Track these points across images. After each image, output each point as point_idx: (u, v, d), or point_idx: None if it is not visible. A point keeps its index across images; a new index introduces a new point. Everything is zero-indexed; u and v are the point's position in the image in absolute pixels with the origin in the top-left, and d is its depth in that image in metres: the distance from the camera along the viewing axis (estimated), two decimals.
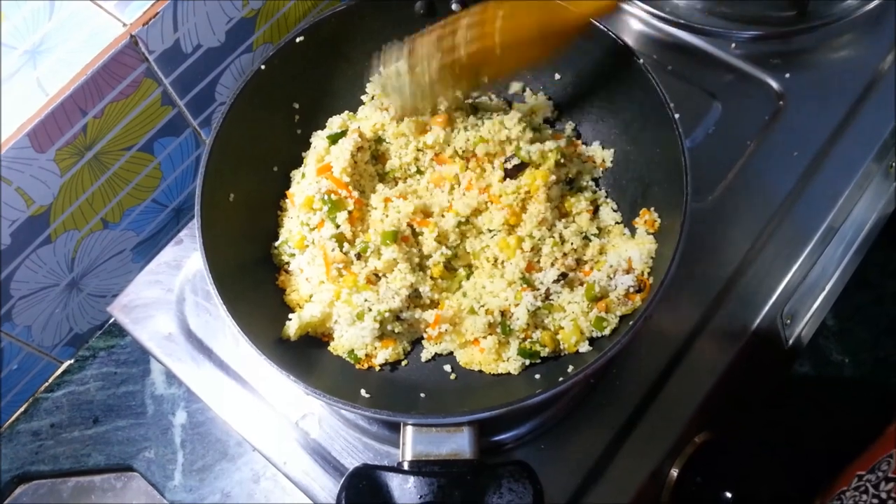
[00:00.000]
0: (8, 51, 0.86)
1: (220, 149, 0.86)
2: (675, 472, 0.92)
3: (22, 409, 1.04)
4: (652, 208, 0.88)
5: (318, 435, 0.93)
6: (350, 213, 0.87)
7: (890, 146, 1.08)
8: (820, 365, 1.15)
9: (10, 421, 1.03)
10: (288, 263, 0.92)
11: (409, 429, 0.71)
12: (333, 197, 0.87)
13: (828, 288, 1.09)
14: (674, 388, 0.92)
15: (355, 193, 0.89)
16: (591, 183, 0.96)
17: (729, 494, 0.89)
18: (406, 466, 0.69)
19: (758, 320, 0.96)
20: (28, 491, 1.01)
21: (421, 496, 0.67)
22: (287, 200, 0.94)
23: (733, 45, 1.12)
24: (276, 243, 0.92)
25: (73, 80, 0.83)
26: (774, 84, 1.09)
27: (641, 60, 0.87)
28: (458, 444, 0.70)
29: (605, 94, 0.96)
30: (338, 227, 0.87)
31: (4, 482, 1.00)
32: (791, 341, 1.04)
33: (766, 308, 0.96)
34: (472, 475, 0.68)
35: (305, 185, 0.91)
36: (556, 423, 0.91)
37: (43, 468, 1.00)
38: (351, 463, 0.91)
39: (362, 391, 0.81)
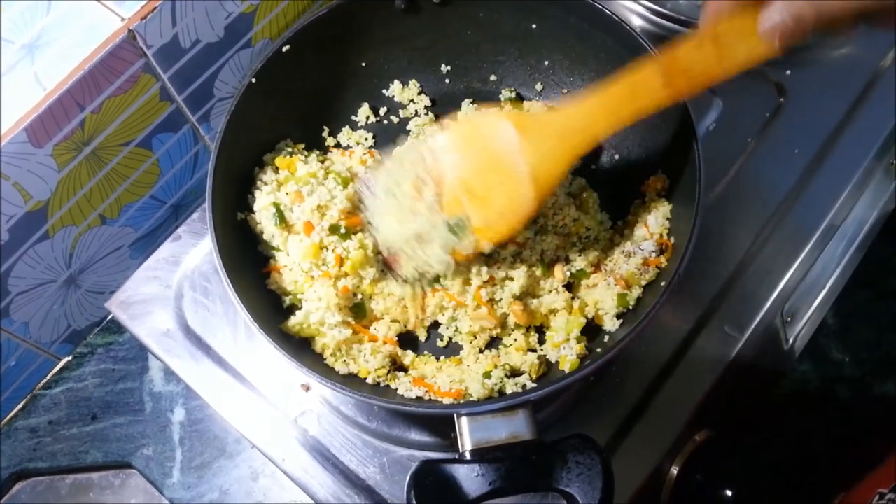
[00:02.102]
0: (5, 45, 0.86)
1: (223, 169, 0.85)
2: (675, 470, 0.92)
3: (20, 405, 1.04)
4: (660, 171, 0.88)
5: (317, 432, 0.93)
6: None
7: (891, 144, 1.08)
8: (820, 363, 1.14)
9: (7, 418, 1.03)
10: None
11: (464, 419, 0.70)
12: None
13: (828, 286, 1.09)
14: (674, 386, 0.92)
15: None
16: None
17: (729, 492, 0.89)
18: (468, 456, 0.68)
19: (758, 318, 0.96)
20: (26, 488, 1.00)
21: (490, 482, 0.66)
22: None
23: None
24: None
25: (71, 75, 0.83)
26: (776, 80, 1.09)
27: (628, 26, 0.86)
28: (515, 426, 0.69)
29: (595, 65, 0.95)
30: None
31: (3, 479, 0.99)
32: (791, 339, 1.04)
33: (767, 306, 0.96)
34: (536, 455, 0.68)
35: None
36: (556, 422, 0.90)
37: (41, 465, 1.00)
38: (350, 460, 0.91)
39: (402, 394, 0.81)
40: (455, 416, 0.70)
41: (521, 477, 0.67)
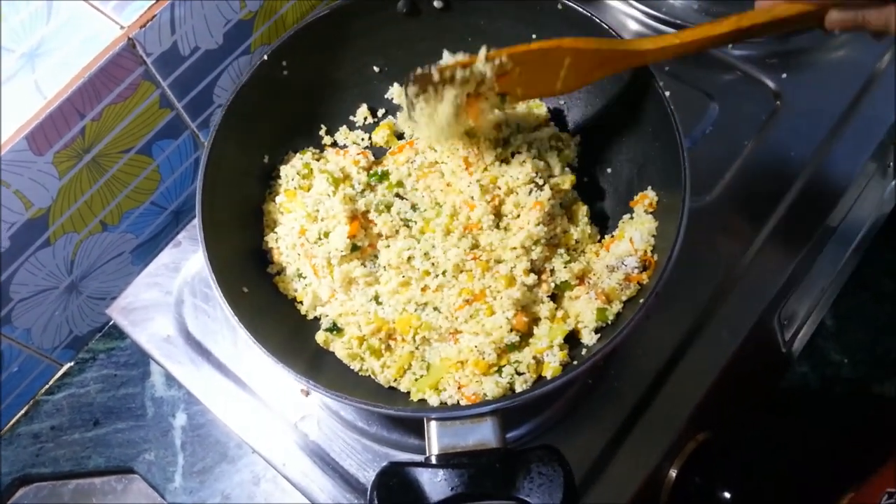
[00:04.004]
0: (6, 54, 0.86)
1: (213, 171, 0.85)
2: (673, 473, 0.92)
3: (22, 411, 1.04)
4: (649, 187, 0.88)
5: (317, 436, 0.93)
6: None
7: (888, 146, 1.08)
8: (818, 365, 1.15)
9: (10, 423, 1.03)
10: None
11: (434, 423, 0.71)
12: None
13: (826, 288, 1.09)
14: (672, 388, 0.92)
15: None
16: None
17: (728, 494, 0.90)
18: (434, 460, 0.69)
19: (755, 321, 0.96)
20: (29, 493, 1.01)
21: (452, 488, 0.67)
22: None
23: (730, 46, 1.12)
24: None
25: (71, 83, 0.83)
26: (771, 84, 1.09)
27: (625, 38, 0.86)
28: (482, 434, 0.70)
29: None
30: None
31: (5, 485, 1.00)
32: (789, 341, 1.04)
33: (764, 308, 0.96)
34: (500, 463, 0.69)
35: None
36: (555, 424, 0.91)
37: (43, 470, 1.01)
38: (350, 464, 0.91)
39: (377, 395, 0.82)
40: (425, 420, 0.71)
41: (483, 484, 0.68)
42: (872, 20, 0.72)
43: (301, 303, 0.90)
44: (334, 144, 1.01)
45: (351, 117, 1.02)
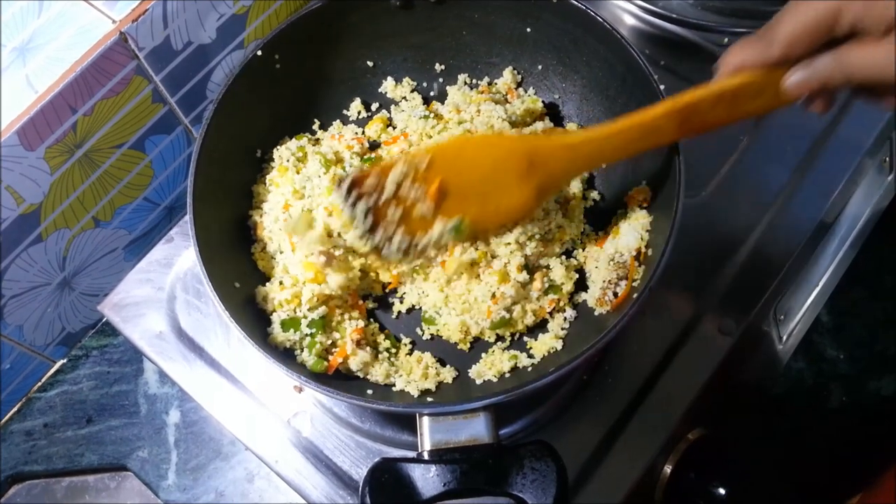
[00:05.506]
0: None
1: (205, 170, 0.84)
2: (668, 469, 0.92)
3: (15, 408, 1.04)
4: (644, 182, 0.87)
5: (310, 433, 0.93)
6: None
7: (883, 141, 1.08)
8: (814, 361, 1.15)
9: (3, 421, 1.03)
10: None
11: (426, 419, 0.71)
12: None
13: (822, 284, 1.09)
14: (667, 384, 0.91)
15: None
16: None
17: (722, 490, 0.89)
18: (426, 456, 0.69)
19: (751, 317, 0.95)
20: (22, 491, 1.00)
21: (445, 483, 0.67)
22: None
23: (726, 39, 1.11)
24: None
25: (63, 78, 0.83)
26: None
27: (620, 35, 0.86)
28: (475, 429, 0.70)
29: (587, 72, 0.95)
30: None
31: None
32: (785, 337, 1.04)
33: (760, 304, 0.96)
34: (493, 458, 0.68)
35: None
36: (549, 421, 0.90)
37: (36, 468, 1.00)
38: (343, 461, 0.91)
39: (368, 391, 0.81)
40: (417, 415, 0.71)
41: (476, 479, 0.67)
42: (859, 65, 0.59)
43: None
44: None
45: (344, 111, 1.02)
